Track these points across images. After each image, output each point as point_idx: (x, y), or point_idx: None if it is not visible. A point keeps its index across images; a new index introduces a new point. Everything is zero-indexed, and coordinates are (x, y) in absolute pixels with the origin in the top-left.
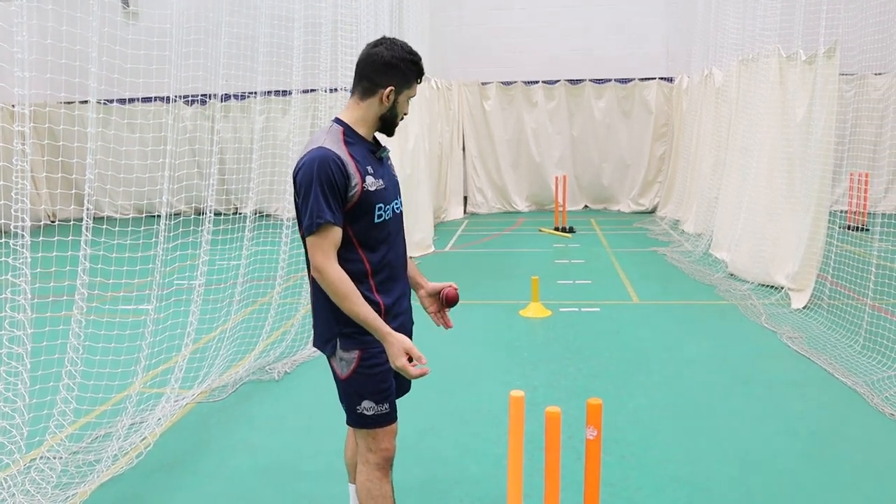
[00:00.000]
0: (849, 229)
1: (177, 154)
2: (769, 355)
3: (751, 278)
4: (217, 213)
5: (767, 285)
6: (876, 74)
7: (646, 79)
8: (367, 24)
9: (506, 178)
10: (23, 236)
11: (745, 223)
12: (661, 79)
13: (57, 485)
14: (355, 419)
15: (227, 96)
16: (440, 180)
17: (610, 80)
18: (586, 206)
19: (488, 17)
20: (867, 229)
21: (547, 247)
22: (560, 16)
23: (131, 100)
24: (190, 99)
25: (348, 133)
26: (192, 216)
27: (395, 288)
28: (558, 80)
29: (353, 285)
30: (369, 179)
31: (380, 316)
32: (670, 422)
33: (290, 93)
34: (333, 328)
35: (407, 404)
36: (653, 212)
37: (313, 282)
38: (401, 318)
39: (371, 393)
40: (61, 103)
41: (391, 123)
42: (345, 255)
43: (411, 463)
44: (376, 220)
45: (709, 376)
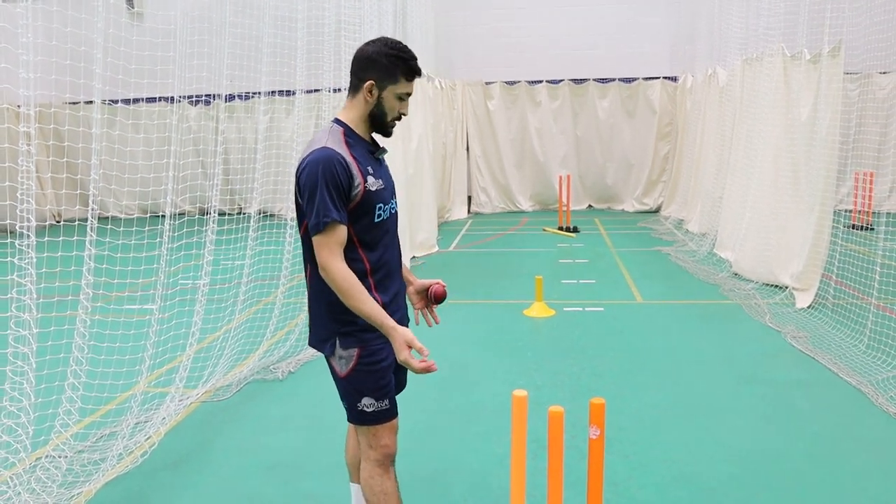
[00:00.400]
0: (853, 228)
1: (181, 154)
2: (773, 355)
3: (755, 278)
4: (221, 213)
5: (772, 285)
6: (881, 73)
7: (650, 78)
8: (370, 24)
9: (509, 178)
10: (28, 236)
11: (749, 222)
12: (664, 78)
13: (62, 483)
14: (356, 416)
15: (231, 96)
16: (444, 180)
17: (614, 80)
18: (590, 206)
19: (492, 16)
20: (872, 228)
21: (551, 246)
22: (563, 15)
23: (136, 100)
24: (194, 99)
25: (349, 133)
26: (197, 216)
27: (392, 286)
28: (562, 80)
29: (359, 282)
30: (370, 179)
31: None
32: (674, 421)
33: (294, 93)
34: (332, 328)
35: (411, 403)
36: (657, 211)
37: (310, 281)
38: (397, 316)
39: (371, 390)
40: (66, 104)
41: (380, 122)
42: (345, 255)
43: (415, 462)
44: (376, 220)
45: (713, 376)
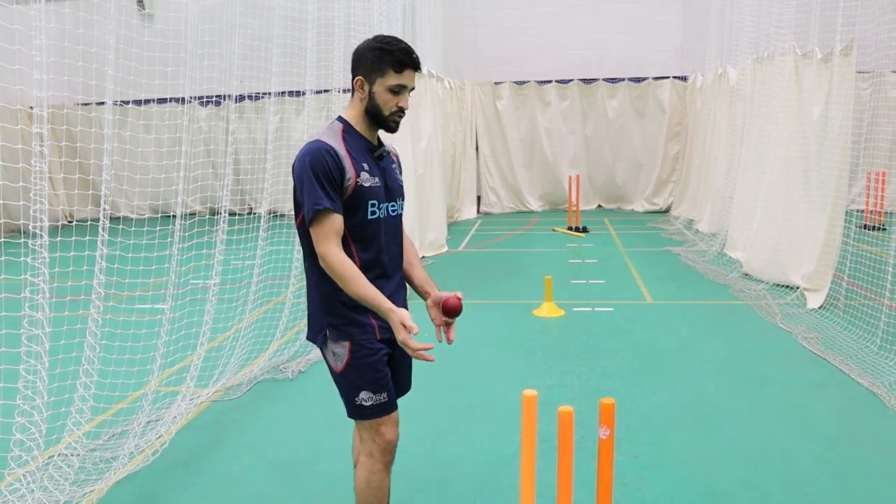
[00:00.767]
0: (865, 228)
1: (192, 155)
2: (784, 356)
3: (766, 278)
4: (232, 213)
5: (783, 285)
6: (893, 72)
7: (659, 78)
8: (379, 24)
9: (519, 178)
10: (41, 236)
11: (760, 222)
12: (674, 78)
13: (74, 481)
14: (355, 411)
15: (241, 97)
16: (453, 180)
17: (623, 80)
18: (600, 206)
19: (501, 16)
20: (884, 228)
21: (560, 246)
22: (573, 15)
23: (147, 101)
24: (205, 100)
25: (347, 130)
26: (207, 216)
27: (386, 288)
28: (571, 80)
29: (356, 268)
30: (364, 175)
31: (368, 312)
32: (684, 422)
33: (304, 93)
34: (323, 320)
35: (421, 403)
36: (667, 211)
37: (307, 274)
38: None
39: (368, 383)
40: (78, 105)
41: (378, 117)
42: None
43: (424, 462)
44: (369, 217)
45: (723, 376)
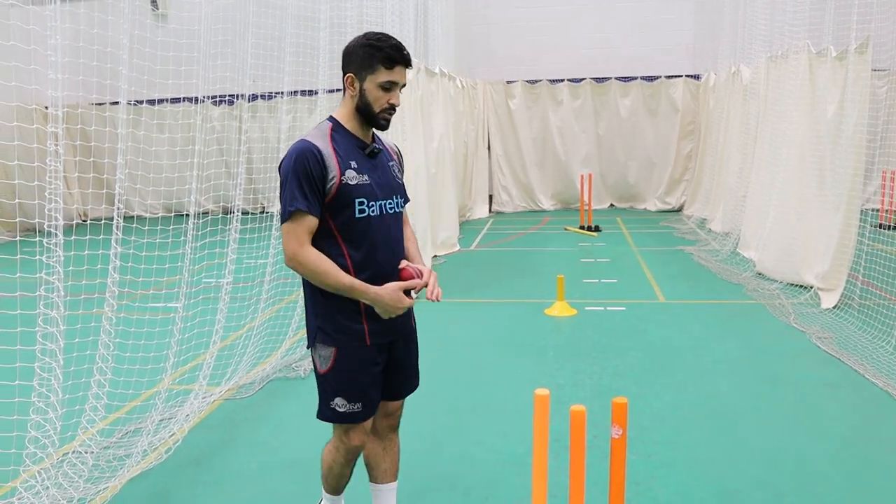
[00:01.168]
0: (881, 228)
1: (205, 154)
2: (798, 355)
3: (779, 277)
4: (244, 212)
5: (796, 285)
6: None
7: (672, 76)
8: (392, 23)
9: (531, 177)
10: (56, 235)
11: (773, 222)
12: (687, 76)
13: (88, 479)
14: (327, 413)
15: (254, 96)
16: (465, 179)
17: (636, 78)
18: (612, 205)
19: (513, 15)
20: None
21: (572, 245)
22: (585, 13)
23: (160, 100)
24: (218, 99)
25: (336, 128)
26: (220, 215)
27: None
28: (584, 79)
29: (329, 260)
30: (350, 173)
31: (360, 314)
32: (697, 421)
33: (316, 92)
34: (314, 322)
35: (432, 401)
36: (679, 210)
37: (303, 280)
38: (385, 323)
39: (345, 391)
40: (93, 105)
41: (368, 114)
42: (327, 251)
43: (436, 460)
44: (357, 215)
45: (736, 376)
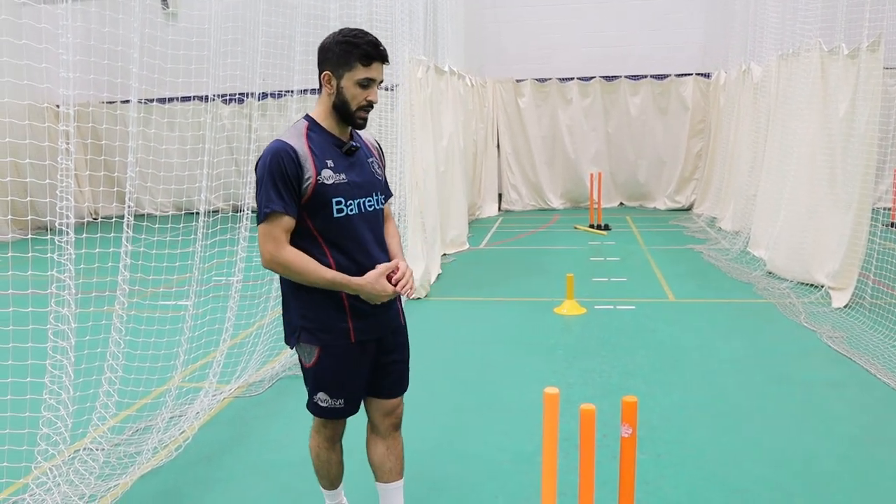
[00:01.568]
0: (892, 227)
1: (215, 152)
2: (808, 355)
3: (790, 276)
4: (254, 211)
5: (807, 284)
6: None
7: (682, 74)
8: (401, 22)
9: (540, 176)
10: (67, 233)
11: (784, 220)
12: (697, 74)
13: (99, 475)
14: (311, 406)
15: (264, 95)
16: (475, 178)
17: (646, 77)
18: (622, 204)
19: (523, 13)
20: None
21: (582, 244)
22: (595, 12)
23: (171, 99)
24: (228, 98)
25: (312, 127)
26: (230, 213)
27: None
28: (593, 77)
29: (308, 257)
30: (326, 173)
31: (345, 312)
32: (707, 421)
33: None
34: (296, 321)
35: (441, 399)
36: (689, 209)
37: (281, 279)
38: (371, 320)
39: (327, 386)
40: (104, 103)
41: (345, 112)
42: (309, 251)
43: (445, 459)
44: (336, 215)
45: (746, 375)
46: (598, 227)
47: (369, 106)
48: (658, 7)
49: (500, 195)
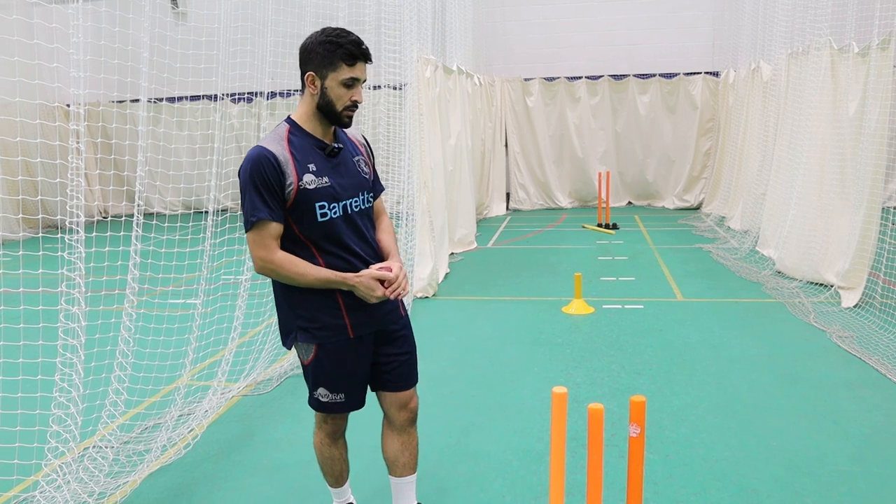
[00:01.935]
0: None
1: (224, 151)
2: (818, 354)
3: (799, 276)
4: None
5: (816, 283)
6: None
7: (691, 73)
8: (409, 22)
9: (548, 175)
10: (77, 232)
11: (793, 220)
12: (706, 73)
13: (109, 473)
14: (312, 402)
15: (272, 94)
16: (483, 177)
17: (654, 75)
18: (630, 203)
19: (531, 12)
20: None
21: (590, 243)
22: (603, 10)
23: (180, 98)
24: (237, 97)
25: (293, 130)
26: (239, 212)
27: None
28: (601, 76)
29: (300, 259)
30: (308, 177)
31: (340, 309)
32: (715, 421)
33: None
34: (291, 322)
35: (450, 398)
36: (698, 208)
37: (273, 282)
38: (367, 313)
39: (326, 382)
40: (114, 102)
41: (331, 112)
42: (299, 255)
43: (454, 458)
44: (320, 219)
45: (755, 375)
46: (607, 227)
47: (354, 106)
48: (667, 5)
49: (507, 194)
